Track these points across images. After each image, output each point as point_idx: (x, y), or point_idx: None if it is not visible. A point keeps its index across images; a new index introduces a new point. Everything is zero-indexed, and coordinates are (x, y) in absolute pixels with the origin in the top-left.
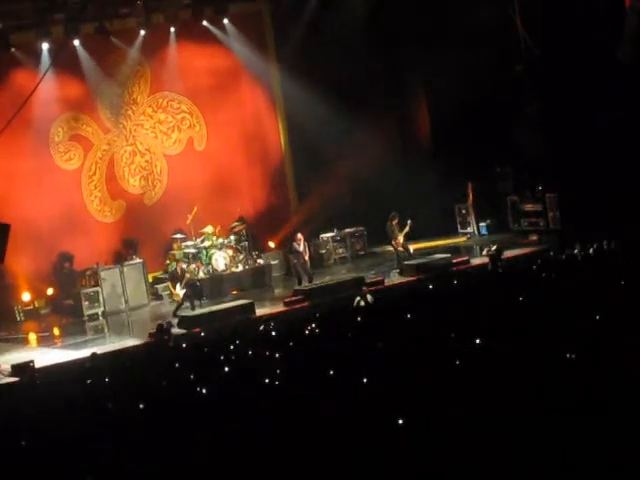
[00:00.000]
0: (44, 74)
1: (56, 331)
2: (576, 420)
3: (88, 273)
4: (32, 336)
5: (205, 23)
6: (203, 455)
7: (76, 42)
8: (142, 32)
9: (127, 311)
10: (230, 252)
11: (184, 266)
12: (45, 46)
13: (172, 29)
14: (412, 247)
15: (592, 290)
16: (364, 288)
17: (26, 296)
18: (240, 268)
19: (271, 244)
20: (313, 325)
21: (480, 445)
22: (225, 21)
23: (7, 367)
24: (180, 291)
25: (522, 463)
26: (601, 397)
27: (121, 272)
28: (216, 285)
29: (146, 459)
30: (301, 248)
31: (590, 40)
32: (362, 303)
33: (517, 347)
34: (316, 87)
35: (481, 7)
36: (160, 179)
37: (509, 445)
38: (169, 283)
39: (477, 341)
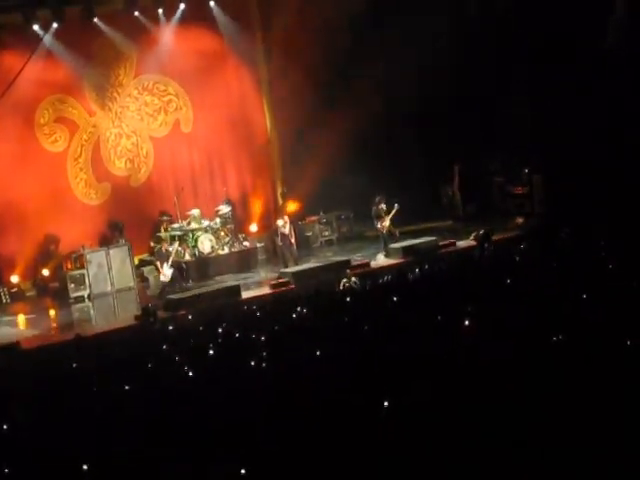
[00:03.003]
0: (30, 57)
1: (42, 313)
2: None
3: (74, 256)
4: (19, 318)
5: (190, 5)
6: (190, 437)
7: (61, 25)
8: (128, 14)
9: (113, 293)
10: (216, 234)
11: (169, 248)
12: (33, 28)
13: (159, 10)
14: (397, 230)
15: (576, 274)
16: (348, 271)
17: (15, 278)
18: (226, 251)
19: (254, 227)
20: (299, 308)
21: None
22: (211, 3)
23: None
24: (168, 271)
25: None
26: (587, 380)
27: (107, 254)
28: (202, 268)
29: (133, 442)
30: (287, 230)
31: (576, 26)
32: (347, 285)
33: (506, 330)
34: (302, 70)
35: None
36: (146, 161)
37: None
38: (157, 262)
39: (465, 323)
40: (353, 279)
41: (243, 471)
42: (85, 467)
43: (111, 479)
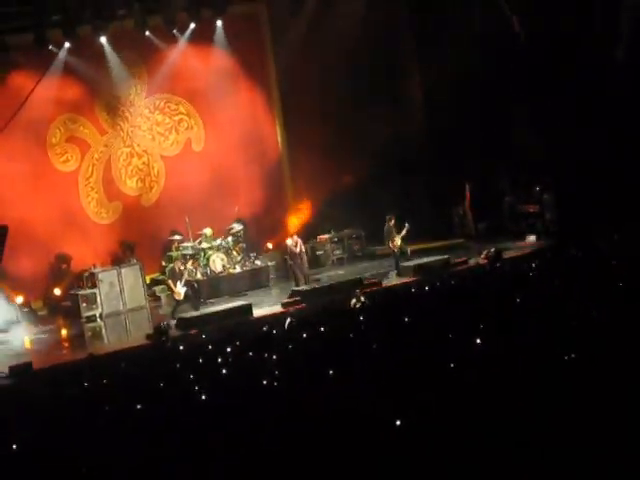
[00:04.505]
0: (41, 77)
1: (54, 332)
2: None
3: (85, 275)
4: (31, 337)
5: (200, 25)
6: (201, 457)
7: (73, 44)
8: (139, 34)
9: (125, 313)
10: (228, 253)
11: (182, 267)
12: (46, 48)
13: (174, 31)
14: (409, 249)
15: (588, 291)
16: (357, 290)
17: (19, 299)
18: (238, 270)
19: (269, 245)
20: (310, 327)
21: (480, 450)
22: (219, 22)
23: (4, 369)
24: (181, 289)
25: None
26: (599, 398)
27: (118, 274)
28: (214, 287)
29: (143, 461)
30: (297, 249)
31: (587, 36)
32: (357, 304)
33: (516, 349)
34: (314, 88)
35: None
36: (157, 180)
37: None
38: (169, 281)
39: (477, 342)
40: (362, 298)
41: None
42: None
43: None
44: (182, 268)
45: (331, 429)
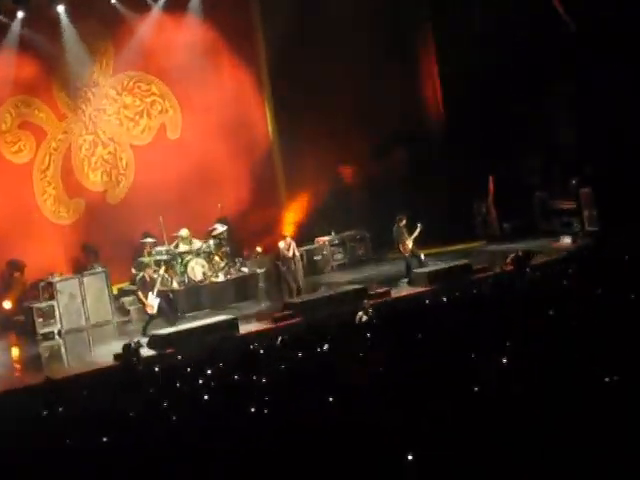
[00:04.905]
0: None
1: (4, 352)
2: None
3: (41, 284)
4: None
5: None
6: None
7: (27, 14)
8: (104, 1)
9: (88, 329)
10: (209, 259)
11: (155, 275)
12: None
13: None
14: (423, 253)
15: (636, 304)
16: (366, 301)
17: None
18: (221, 278)
19: (258, 249)
20: (306, 345)
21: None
22: None
23: None
24: (154, 301)
25: None
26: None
27: (80, 283)
28: (192, 298)
29: None
30: (291, 253)
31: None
32: (364, 319)
33: (548, 370)
34: (310, 65)
35: None
36: (126, 174)
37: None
38: (140, 292)
39: (503, 362)
40: (370, 311)
41: None
42: None
43: None
44: (155, 276)
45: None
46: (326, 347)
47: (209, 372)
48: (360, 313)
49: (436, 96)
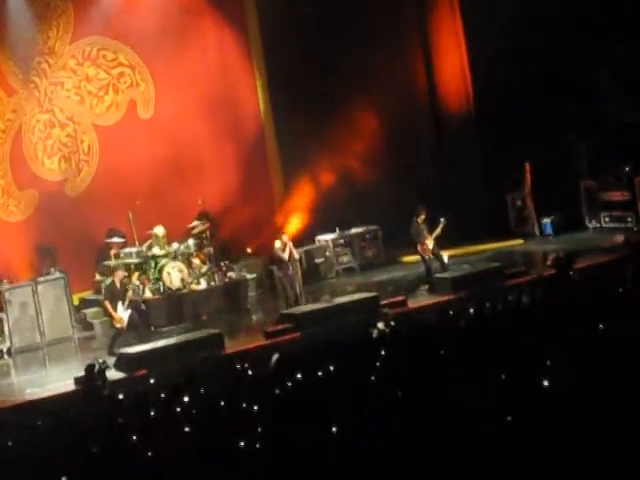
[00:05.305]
0: None
1: None
2: None
3: None
4: None
5: None
6: None
7: None
8: None
9: (43, 346)
10: (189, 262)
11: (124, 281)
12: None
13: None
14: (446, 254)
15: None
16: (385, 311)
17: None
18: (203, 285)
19: (248, 251)
20: (307, 365)
21: None
22: None
23: None
24: (123, 313)
25: None
26: None
27: (34, 291)
28: (169, 309)
29: None
30: (287, 255)
31: None
32: (376, 332)
33: (598, 395)
34: (308, 30)
35: None
36: (88, 160)
37: None
38: (106, 303)
39: (544, 384)
40: (380, 324)
41: None
42: None
43: None
44: (127, 283)
45: None
46: (331, 368)
47: (188, 399)
48: (381, 326)
49: (462, 65)
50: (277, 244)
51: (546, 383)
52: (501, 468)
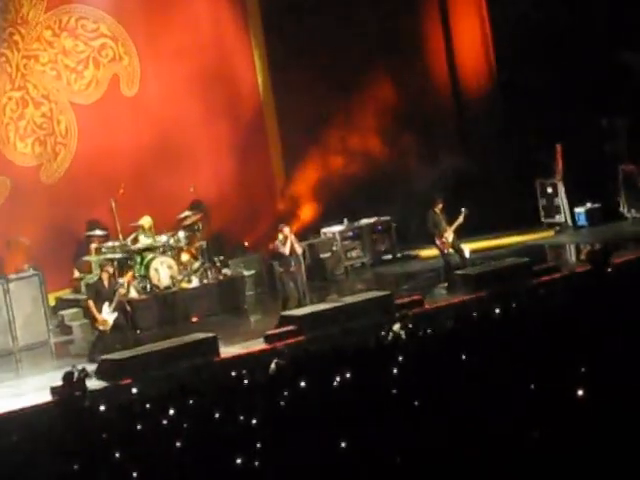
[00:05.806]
0: None
1: None
2: None
3: None
4: None
5: None
6: None
7: None
8: None
9: (16, 352)
10: (179, 258)
11: (109, 279)
12: None
13: None
14: (467, 248)
15: None
16: (405, 312)
17: None
18: (195, 283)
19: (245, 244)
20: (311, 373)
21: None
22: None
23: None
24: (109, 315)
25: None
26: None
27: (5, 291)
28: (157, 310)
29: None
30: (288, 249)
31: None
32: (389, 337)
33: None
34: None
35: None
36: (65, 142)
37: None
38: (90, 302)
39: (578, 394)
40: (396, 327)
41: None
42: None
43: None
44: (113, 280)
45: None
46: (339, 377)
47: (178, 411)
48: (396, 327)
49: (486, 40)
50: (279, 237)
51: (580, 393)
52: None
